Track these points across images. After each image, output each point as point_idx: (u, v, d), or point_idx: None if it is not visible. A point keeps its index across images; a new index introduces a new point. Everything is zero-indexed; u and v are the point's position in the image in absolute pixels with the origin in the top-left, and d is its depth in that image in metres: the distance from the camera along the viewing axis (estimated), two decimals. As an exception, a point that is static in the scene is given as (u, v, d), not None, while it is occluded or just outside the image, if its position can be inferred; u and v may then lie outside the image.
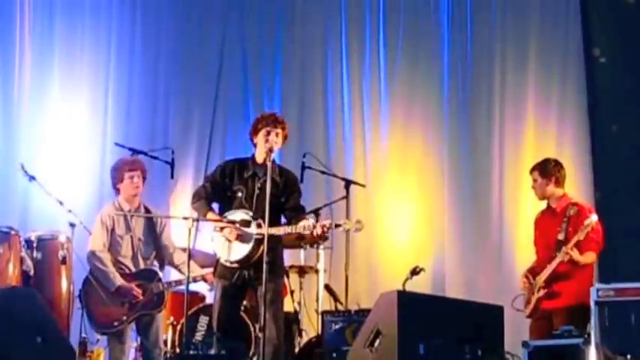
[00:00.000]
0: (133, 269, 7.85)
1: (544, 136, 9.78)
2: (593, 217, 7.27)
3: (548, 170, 7.61)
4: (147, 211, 7.99)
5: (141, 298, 7.70)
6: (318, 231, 6.75)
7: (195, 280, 7.73)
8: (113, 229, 7.85)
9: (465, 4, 10.12)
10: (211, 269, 7.41)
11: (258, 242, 6.73)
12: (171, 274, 8.32)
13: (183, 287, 7.61)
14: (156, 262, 8.00)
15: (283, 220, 7.02)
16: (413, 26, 10.19)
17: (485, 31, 10.09)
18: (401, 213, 9.89)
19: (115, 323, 7.71)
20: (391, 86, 10.13)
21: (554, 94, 9.88)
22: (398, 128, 10.07)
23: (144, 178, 7.99)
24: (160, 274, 7.92)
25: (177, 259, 7.95)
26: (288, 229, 6.84)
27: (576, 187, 8.88)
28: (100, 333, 7.86)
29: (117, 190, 7.98)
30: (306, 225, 6.77)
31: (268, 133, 6.97)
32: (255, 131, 7.05)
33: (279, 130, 7.01)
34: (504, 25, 10.08)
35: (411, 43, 10.17)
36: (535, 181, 7.66)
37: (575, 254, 7.19)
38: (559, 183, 7.62)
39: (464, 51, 10.09)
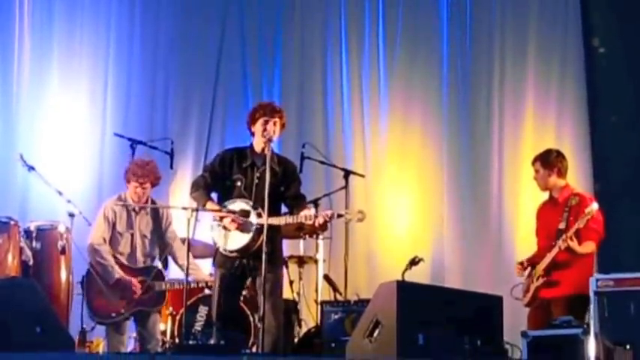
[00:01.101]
0: (129, 265, 7.84)
1: (543, 127, 9.78)
2: (594, 206, 7.25)
3: (550, 161, 7.58)
4: (152, 203, 7.97)
5: (139, 292, 7.70)
6: (320, 221, 6.74)
7: (197, 283, 7.72)
8: (114, 224, 7.84)
9: (464, -6, 10.15)
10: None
11: (258, 232, 6.72)
12: (169, 273, 8.29)
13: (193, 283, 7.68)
14: (159, 260, 7.99)
15: (284, 209, 7.02)
16: (412, 19, 10.19)
17: (485, 19, 10.09)
18: (400, 203, 9.90)
19: (113, 314, 7.74)
20: (390, 77, 10.13)
21: (554, 85, 9.88)
22: (397, 119, 10.07)
23: (155, 185, 7.97)
24: (164, 272, 7.91)
25: (181, 258, 7.90)
26: (289, 219, 6.84)
27: (576, 178, 8.86)
28: (96, 322, 7.87)
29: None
30: (307, 215, 6.77)
31: (266, 123, 6.94)
32: (252, 121, 7.02)
33: (277, 120, 6.97)
34: (503, 16, 10.07)
35: (410, 35, 10.17)
36: (537, 172, 7.60)
37: (574, 244, 7.17)
38: (561, 174, 7.58)
39: (463, 42, 10.09)
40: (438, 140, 9.98)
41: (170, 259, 8.07)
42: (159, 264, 7.99)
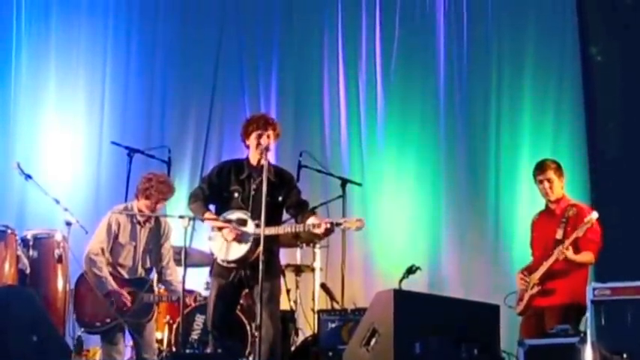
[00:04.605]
0: (127, 277, 7.84)
1: (540, 135, 9.79)
2: (594, 215, 7.18)
3: (562, 169, 7.52)
4: (156, 218, 7.95)
5: (129, 304, 7.68)
6: (322, 229, 6.70)
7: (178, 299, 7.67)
8: (117, 236, 7.82)
9: (461, 3, 10.13)
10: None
11: (256, 242, 6.70)
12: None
13: (174, 297, 7.66)
14: (156, 271, 7.98)
15: (286, 217, 7.01)
16: (409, 28, 10.20)
17: (482, 29, 10.10)
18: (398, 212, 9.89)
19: (97, 324, 7.70)
20: (387, 85, 10.14)
21: (551, 93, 9.90)
22: (394, 127, 10.08)
23: None
24: (155, 285, 7.88)
25: (167, 276, 7.91)
26: (288, 229, 6.82)
27: (573, 186, 8.86)
28: (82, 331, 7.83)
29: (135, 196, 7.94)
30: (311, 223, 6.75)
31: (260, 136, 6.90)
32: (246, 134, 6.99)
33: (270, 132, 6.94)
34: (501, 25, 10.10)
35: (407, 45, 10.19)
36: (550, 180, 7.48)
37: (570, 253, 7.14)
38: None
39: (460, 52, 10.10)
40: (436, 149, 9.98)
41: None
42: (153, 276, 7.96)
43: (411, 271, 7.93)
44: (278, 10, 10.39)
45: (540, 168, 7.51)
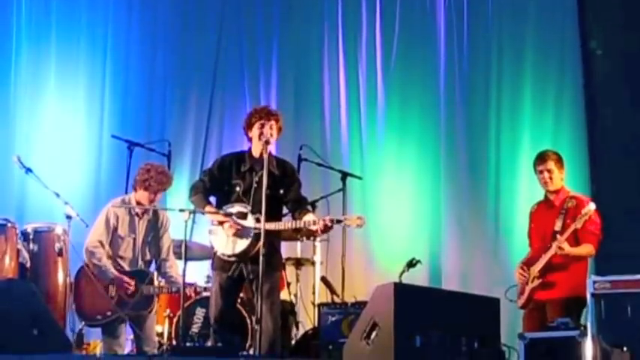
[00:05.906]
0: (128, 269, 7.83)
1: (541, 128, 9.78)
2: (591, 206, 7.18)
3: (562, 161, 7.51)
4: (154, 210, 7.95)
5: (132, 289, 7.67)
6: (321, 226, 6.69)
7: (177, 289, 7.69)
8: (116, 229, 7.82)
9: (462, -2, 10.17)
10: None
11: (257, 237, 6.69)
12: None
13: (174, 288, 7.66)
14: (154, 265, 7.97)
15: (285, 210, 7.01)
16: (409, 21, 10.20)
17: (482, 22, 10.10)
18: (398, 205, 9.90)
19: (98, 317, 7.70)
20: (388, 79, 10.14)
21: (551, 86, 9.89)
22: (395, 120, 10.08)
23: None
24: (155, 277, 7.88)
25: (166, 268, 7.91)
26: (290, 225, 6.82)
27: (573, 179, 8.86)
28: (84, 324, 7.83)
29: (133, 187, 7.94)
30: (309, 220, 6.74)
31: (262, 126, 6.90)
32: (249, 126, 6.99)
33: (273, 122, 6.94)
34: (501, 17, 10.09)
35: (407, 37, 10.19)
36: (550, 171, 7.46)
37: (567, 246, 7.13)
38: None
39: (460, 47, 10.09)
40: (436, 142, 9.98)
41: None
42: (154, 269, 7.96)
43: (411, 264, 7.93)
44: (278, 2, 10.38)
45: (541, 158, 7.50)
